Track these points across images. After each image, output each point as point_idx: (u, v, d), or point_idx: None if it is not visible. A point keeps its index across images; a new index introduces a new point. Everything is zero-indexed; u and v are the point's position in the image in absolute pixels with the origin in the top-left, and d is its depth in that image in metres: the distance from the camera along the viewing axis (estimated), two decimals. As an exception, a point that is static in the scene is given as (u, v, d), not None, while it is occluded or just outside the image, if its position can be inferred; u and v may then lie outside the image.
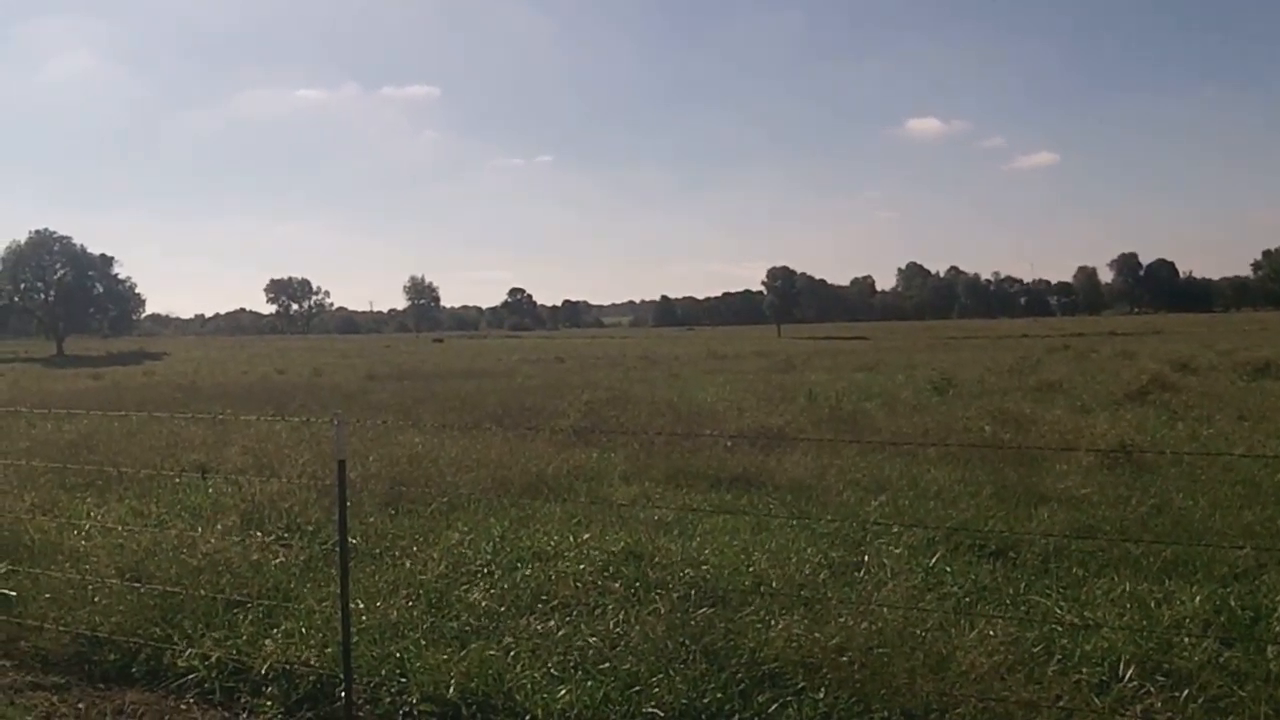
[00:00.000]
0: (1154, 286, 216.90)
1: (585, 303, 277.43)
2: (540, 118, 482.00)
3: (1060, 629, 6.46)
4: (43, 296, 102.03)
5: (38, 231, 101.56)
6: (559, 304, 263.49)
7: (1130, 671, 5.75)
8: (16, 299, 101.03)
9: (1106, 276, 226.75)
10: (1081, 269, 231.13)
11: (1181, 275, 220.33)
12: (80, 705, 6.30)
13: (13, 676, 6.72)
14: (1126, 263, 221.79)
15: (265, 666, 6.31)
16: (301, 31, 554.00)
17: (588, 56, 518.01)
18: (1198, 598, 7.02)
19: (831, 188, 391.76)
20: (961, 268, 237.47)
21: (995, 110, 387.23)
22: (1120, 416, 17.56)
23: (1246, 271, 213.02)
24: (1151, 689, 5.61)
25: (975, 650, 5.98)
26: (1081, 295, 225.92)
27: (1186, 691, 5.53)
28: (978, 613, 6.82)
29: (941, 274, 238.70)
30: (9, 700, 6.29)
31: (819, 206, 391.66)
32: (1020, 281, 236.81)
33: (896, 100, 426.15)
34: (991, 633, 6.28)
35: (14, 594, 7.58)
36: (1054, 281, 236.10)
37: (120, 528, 9.19)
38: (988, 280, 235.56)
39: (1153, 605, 6.99)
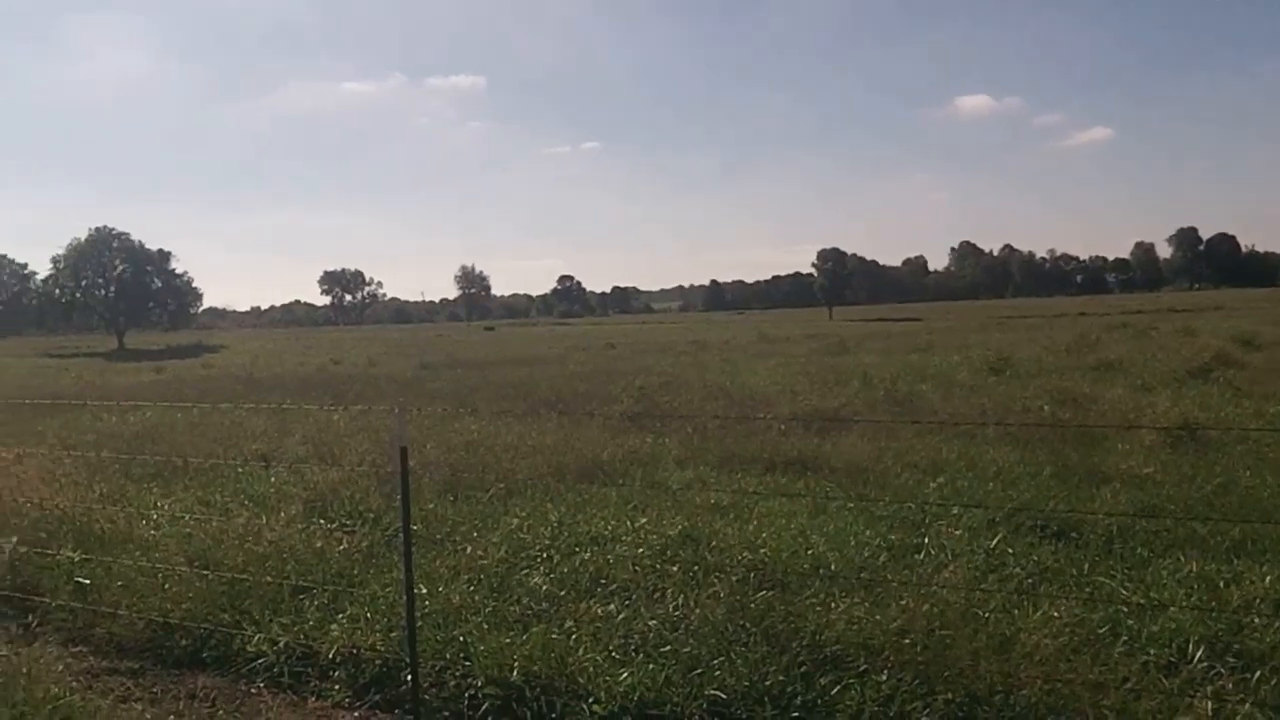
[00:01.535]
0: (1214, 261, 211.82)
1: (634, 288, 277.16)
2: (585, 105, 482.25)
3: (1126, 610, 6.38)
4: (103, 292, 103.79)
5: (97, 229, 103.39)
6: (608, 290, 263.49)
7: (1199, 652, 5.68)
8: (78, 295, 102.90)
9: (1165, 252, 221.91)
10: (1139, 245, 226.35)
11: (1243, 249, 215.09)
12: (155, 689, 6.46)
13: (90, 662, 6.92)
14: (1185, 237, 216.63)
15: (332, 651, 6.42)
16: (342, 24, 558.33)
17: (631, 42, 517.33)
18: (1268, 578, 6.90)
19: (881, 168, 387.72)
20: (1015, 246, 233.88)
21: (1048, 87, 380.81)
22: (1182, 394, 17.27)
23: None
24: (1221, 670, 5.54)
25: (1039, 632, 5.93)
26: (1139, 272, 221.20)
27: (1258, 673, 5.45)
28: (1041, 594, 6.76)
29: (995, 252, 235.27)
30: (87, 685, 6.46)
31: (869, 187, 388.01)
32: (1076, 259, 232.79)
33: (947, 79, 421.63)
34: (1055, 614, 6.23)
35: (88, 582, 7.78)
36: (1111, 258, 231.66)
37: (187, 517, 9.36)
38: (1043, 258, 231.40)
39: (1221, 585, 6.88)
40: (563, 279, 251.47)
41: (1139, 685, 5.37)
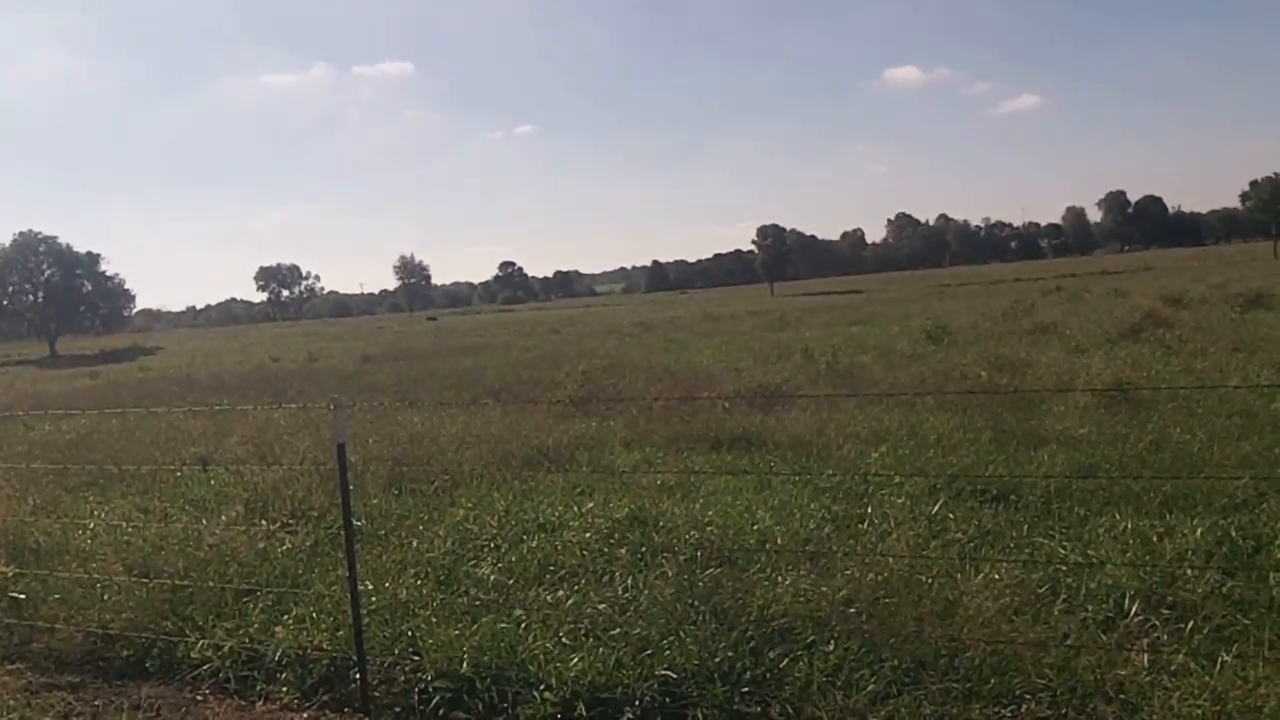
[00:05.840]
0: (1143, 223, 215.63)
1: (577, 272, 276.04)
2: (515, 90, 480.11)
3: (1064, 569, 6.51)
4: (32, 298, 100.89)
5: (22, 233, 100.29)
6: (551, 275, 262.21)
7: (1135, 606, 5.81)
8: (5, 302, 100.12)
9: (1096, 216, 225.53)
10: (1070, 209, 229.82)
11: (1170, 210, 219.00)
12: (96, 703, 6.31)
13: (28, 678, 6.72)
14: (1115, 201, 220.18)
15: (278, 653, 6.33)
16: (258, 15, 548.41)
17: (556, 27, 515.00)
18: (1199, 530, 7.07)
19: (817, 143, 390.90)
20: (951, 215, 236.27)
21: (977, 56, 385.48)
22: (1115, 355, 17.63)
23: (1235, 203, 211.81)
24: (1157, 622, 5.67)
25: (981, 594, 6.03)
26: (1072, 236, 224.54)
27: (1191, 623, 5.58)
28: (982, 557, 6.87)
29: (931, 222, 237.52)
30: (26, 702, 6.29)
31: (806, 162, 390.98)
32: (1010, 225, 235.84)
33: (874, 52, 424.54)
34: (997, 576, 6.33)
35: (23, 596, 7.58)
36: (1044, 224, 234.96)
37: (125, 524, 9.18)
38: (978, 226, 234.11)
39: (1155, 540, 7.04)
40: (504, 265, 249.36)
41: (1078, 642, 5.49)
